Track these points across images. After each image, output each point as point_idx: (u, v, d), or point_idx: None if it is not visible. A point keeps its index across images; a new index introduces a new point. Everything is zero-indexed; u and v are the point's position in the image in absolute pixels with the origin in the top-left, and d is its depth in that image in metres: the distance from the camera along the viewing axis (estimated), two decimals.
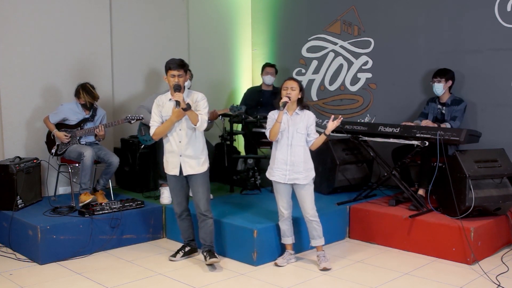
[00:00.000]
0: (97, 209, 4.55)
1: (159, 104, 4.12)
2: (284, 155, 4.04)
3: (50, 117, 5.00)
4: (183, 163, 4.07)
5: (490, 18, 5.10)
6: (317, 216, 4.11)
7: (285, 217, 4.15)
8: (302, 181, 4.03)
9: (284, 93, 4.02)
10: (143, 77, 6.23)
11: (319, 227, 4.12)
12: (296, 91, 4.02)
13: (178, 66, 3.98)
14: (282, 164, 4.04)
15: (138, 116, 5.01)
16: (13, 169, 4.64)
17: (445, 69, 5.07)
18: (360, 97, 6.21)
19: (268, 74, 6.31)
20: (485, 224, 4.32)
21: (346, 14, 6.25)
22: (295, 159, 4.01)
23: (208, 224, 4.14)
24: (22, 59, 5.24)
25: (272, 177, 4.12)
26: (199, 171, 4.10)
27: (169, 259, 4.32)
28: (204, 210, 4.11)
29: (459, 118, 4.94)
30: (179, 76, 3.98)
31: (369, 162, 5.65)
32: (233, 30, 7.24)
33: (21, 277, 3.93)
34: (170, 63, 4.01)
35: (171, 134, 4.09)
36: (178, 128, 4.06)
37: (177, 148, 4.07)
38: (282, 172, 4.05)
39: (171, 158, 4.11)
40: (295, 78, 4.14)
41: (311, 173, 4.09)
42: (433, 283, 3.82)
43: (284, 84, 4.07)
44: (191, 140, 4.07)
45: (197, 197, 4.12)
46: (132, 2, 6.09)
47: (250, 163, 5.69)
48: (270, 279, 3.91)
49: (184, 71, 4.02)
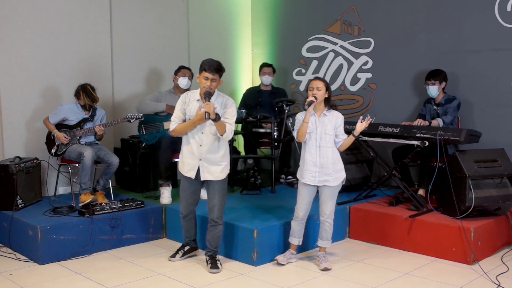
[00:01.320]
0: (97, 209, 4.55)
1: (185, 102, 3.91)
2: (313, 157, 4.00)
3: (50, 118, 5.00)
4: (201, 168, 3.91)
5: (490, 18, 5.10)
6: (332, 219, 4.10)
7: (299, 218, 4.13)
8: (332, 183, 4.01)
9: (310, 94, 3.95)
10: (143, 77, 6.23)
11: (331, 230, 4.11)
12: (322, 91, 3.95)
13: (214, 70, 3.72)
14: (311, 166, 4.01)
15: (138, 115, 5.01)
16: (13, 169, 4.64)
17: (437, 71, 5.07)
18: (360, 97, 6.21)
19: (266, 74, 6.31)
20: (485, 224, 4.32)
21: (346, 14, 6.25)
22: (324, 160, 3.98)
23: (217, 229, 4.06)
24: (22, 59, 5.24)
25: (302, 179, 4.07)
26: (218, 178, 3.95)
27: (168, 259, 4.30)
28: (216, 217, 4.00)
29: (450, 113, 4.94)
30: (213, 80, 3.73)
31: (369, 162, 5.65)
32: (233, 30, 7.24)
33: (21, 277, 3.93)
34: (206, 64, 3.75)
35: (192, 136, 3.90)
36: (201, 131, 3.87)
37: (197, 151, 3.90)
38: (311, 174, 4.02)
39: (189, 160, 3.94)
40: (321, 78, 4.05)
41: (341, 174, 4.06)
42: (433, 283, 3.82)
43: (310, 84, 3.99)
44: (213, 145, 3.89)
45: (212, 203, 4.00)
46: (132, 2, 6.09)
47: (250, 163, 5.69)
48: (270, 279, 3.91)
49: (219, 76, 3.78)
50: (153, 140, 5.25)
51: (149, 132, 5.26)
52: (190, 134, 3.93)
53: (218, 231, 4.08)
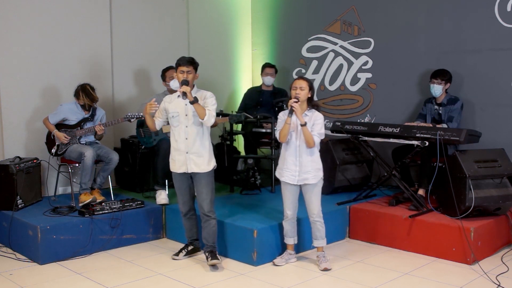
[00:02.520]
0: (97, 209, 4.55)
1: (168, 102, 4.14)
2: (293, 156, 4.02)
3: (50, 118, 5.00)
4: (188, 160, 4.06)
5: (490, 18, 5.10)
6: (321, 217, 4.11)
7: (289, 218, 4.15)
8: (311, 181, 4.01)
9: (293, 93, 3.95)
10: (143, 77, 6.23)
11: (323, 228, 4.12)
12: (305, 90, 3.95)
13: (187, 62, 4.05)
14: (291, 165, 4.03)
15: (138, 115, 5.00)
16: (13, 169, 4.64)
17: (444, 70, 5.06)
18: (360, 97, 6.21)
19: (268, 75, 6.31)
20: (485, 224, 4.32)
21: (346, 14, 6.25)
22: (303, 159, 4.00)
23: (211, 224, 4.13)
24: (22, 59, 5.24)
25: (282, 177, 4.10)
26: (205, 170, 4.08)
27: (172, 257, 4.32)
28: (207, 210, 4.11)
29: (455, 119, 4.93)
30: (188, 72, 4.03)
31: (369, 162, 5.65)
32: (233, 30, 7.24)
33: (21, 277, 3.93)
34: (179, 60, 4.09)
35: (178, 133, 4.08)
36: (185, 125, 4.06)
37: (183, 145, 4.06)
38: (291, 173, 4.04)
39: (178, 156, 4.10)
40: (305, 77, 4.06)
41: (319, 173, 4.07)
42: (433, 283, 3.82)
43: (293, 83, 4.00)
44: (198, 137, 4.06)
45: (201, 198, 4.12)
46: (132, 2, 6.09)
47: (250, 163, 5.69)
48: (270, 279, 3.91)
49: (193, 68, 4.08)
50: (152, 143, 5.25)
51: (148, 135, 5.26)
52: (176, 132, 4.09)
53: (212, 226, 4.14)
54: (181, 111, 4.06)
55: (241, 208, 4.87)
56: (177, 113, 4.07)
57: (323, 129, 4.02)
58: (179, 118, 4.06)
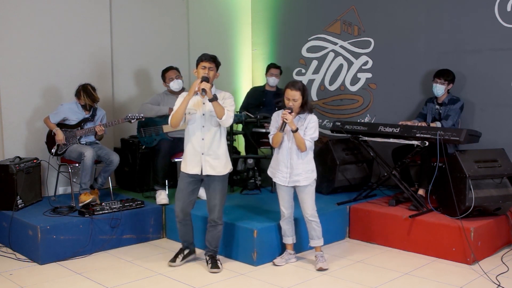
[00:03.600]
0: (97, 209, 4.55)
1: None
2: (285, 158, 4.03)
3: (50, 117, 5.00)
4: (204, 162, 3.93)
5: (490, 18, 5.10)
6: (316, 216, 4.11)
7: (285, 217, 4.15)
8: (302, 183, 4.02)
9: (287, 103, 3.97)
10: (143, 77, 6.23)
11: (319, 227, 4.13)
12: (299, 101, 3.95)
13: (210, 59, 3.93)
14: (283, 167, 4.04)
15: (139, 115, 5.00)
16: (13, 169, 4.64)
17: (447, 71, 5.05)
18: (360, 97, 6.21)
19: (273, 76, 6.30)
20: (485, 224, 4.32)
21: (346, 14, 6.25)
22: (294, 162, 4.01)
23: (217, 229, 4.06)
24: (22, 59, 5.24)
25: (274, 178, 4.13)
26: (220, 172, 3.96)
27: (168, 264, 4.19)
28: (217, 217, 4.00)
29: (451, 117, 4.93)
30: (210, 69, 3.91)
31: (369, 162, 5.65)
32: (233, 30, 7.24)
33: (21, 277, 3.93)
34: (202, 55, 3.96)
35: (193, 132, 3.95)
36: (201, 125, 3.93)
37: (199, 146, 3.93)
38: (283, 175, 4.05)
39: (192, 156, 3.95)
40: (297, 86, 3.97)
41: (312, 175, 4.07)
42: (433, 283, 3.82)
43: (286, 94, 3.98)
44: (215, 138, 3.94)
45: (212, 203, 3.99)
46: (132, 2, 6.10)
47: (250, 163, 5.69)
48: (270, 279, 3.91)
49: (215, 66, 3.96)
50: (153, 143, 5.25)
51: (149, 135, 5.26)
52: (192, 131, 3.96)
53: (218, 231, 4.07)
54: (198, 110, 3.94)
55: (241, 208, 4.87)
56: (195, 111, 3.93)
57: (316, 133, 4.01)
58: (195, 116, 3.94)
